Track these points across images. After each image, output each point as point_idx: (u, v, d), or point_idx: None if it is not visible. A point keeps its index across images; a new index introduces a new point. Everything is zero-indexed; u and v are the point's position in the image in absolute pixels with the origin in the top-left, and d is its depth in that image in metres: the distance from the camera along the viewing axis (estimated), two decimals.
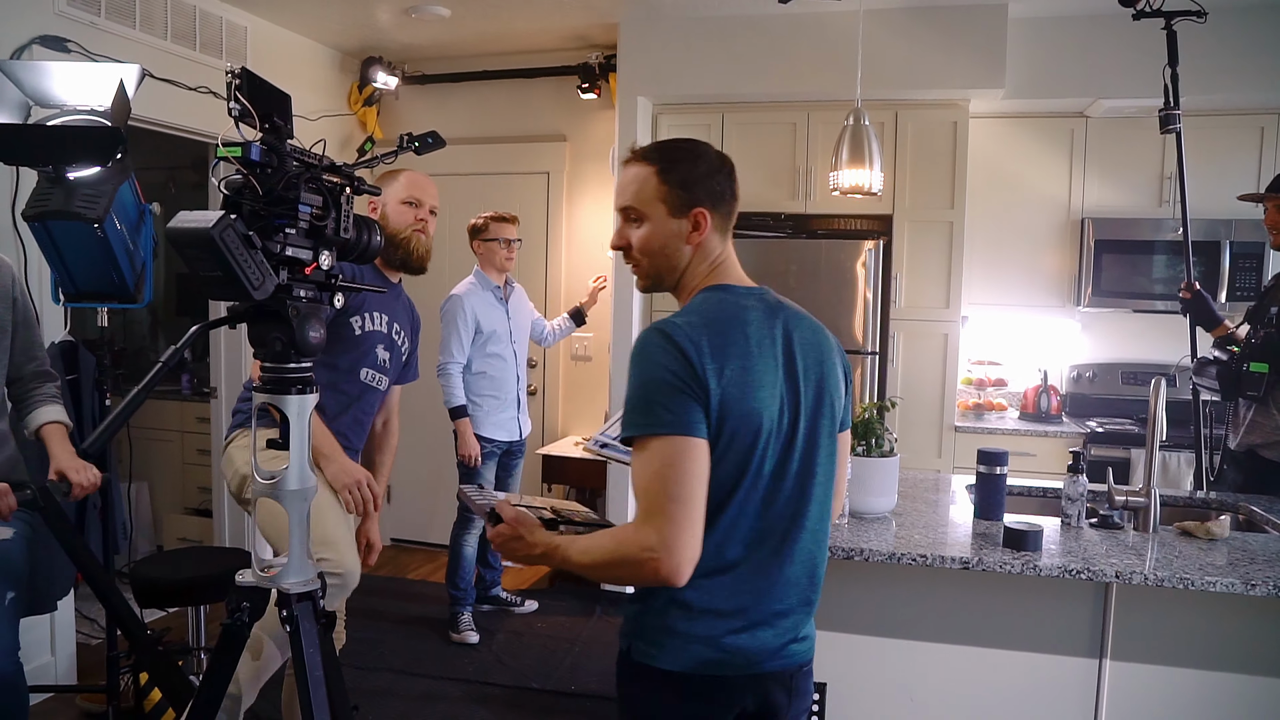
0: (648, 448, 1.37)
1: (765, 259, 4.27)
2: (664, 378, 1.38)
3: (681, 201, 1.53)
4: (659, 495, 1.35)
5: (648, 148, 1.57)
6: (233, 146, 1.59)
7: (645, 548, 1.34)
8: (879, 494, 2.48)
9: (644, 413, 1.38)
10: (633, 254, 1.57)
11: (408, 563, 5.11)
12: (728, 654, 1.46)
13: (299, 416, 1.77)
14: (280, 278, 1.69)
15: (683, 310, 1.50)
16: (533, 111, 5.05)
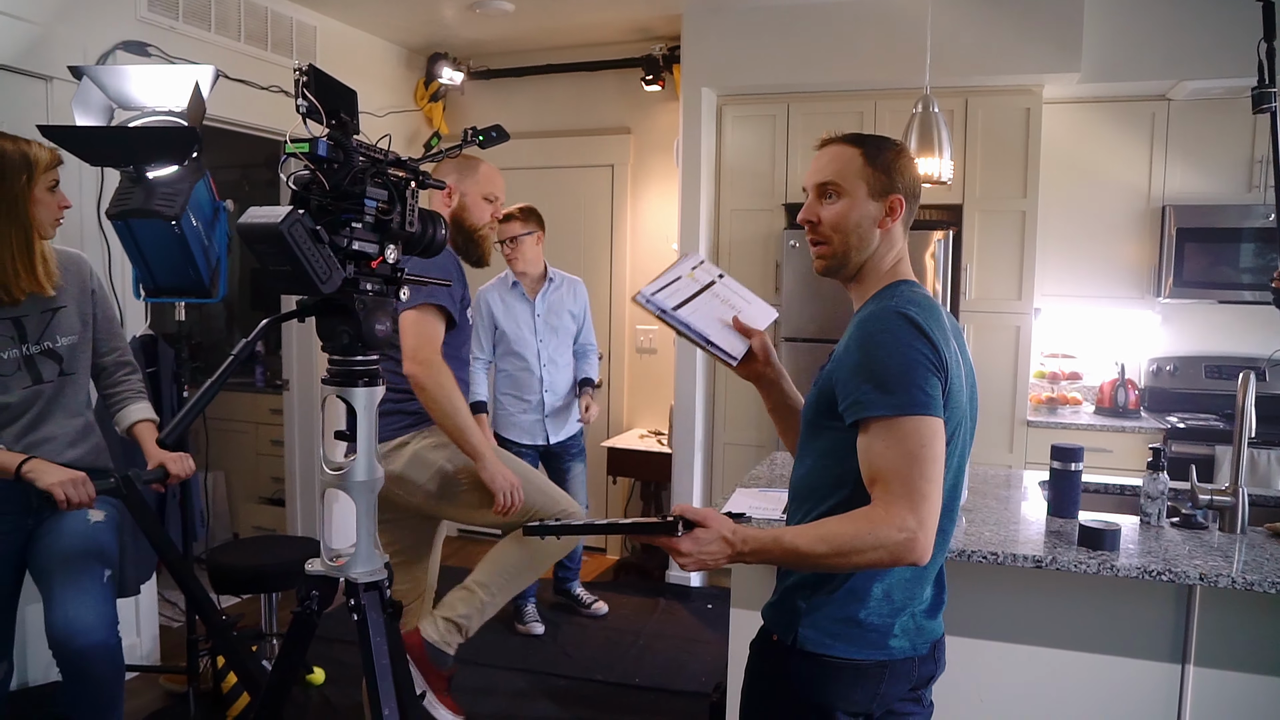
0: (900, 427, 1.37)
1: None
2: (918, 359, 1.40)
3: (882, 185, 1.55)
4: (914, 476, 1.36)
5: (852, 134, 1.61)
6: (300, 143, 1.61)
7: (903, 528, 1.34)
8: None
9: (898, 392, 1.38)
10: (821, 229, 1.58)
11: (474, 553, 5.18)
12: (896, 639, 1.52)
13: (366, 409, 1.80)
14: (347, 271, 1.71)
15: (899, 300, 1.49)
16: (596, 104, 5.05)
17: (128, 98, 2.55)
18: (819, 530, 1.39)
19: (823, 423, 1.51)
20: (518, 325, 3.96)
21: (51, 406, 2.29)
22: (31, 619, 3.12)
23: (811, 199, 1.60)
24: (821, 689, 1.50)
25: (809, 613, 1.51)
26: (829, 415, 1.48)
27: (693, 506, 1.43)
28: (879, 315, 1.45)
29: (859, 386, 1.41)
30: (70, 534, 2.23)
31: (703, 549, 1.39)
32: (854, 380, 1.42)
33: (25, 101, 3.07)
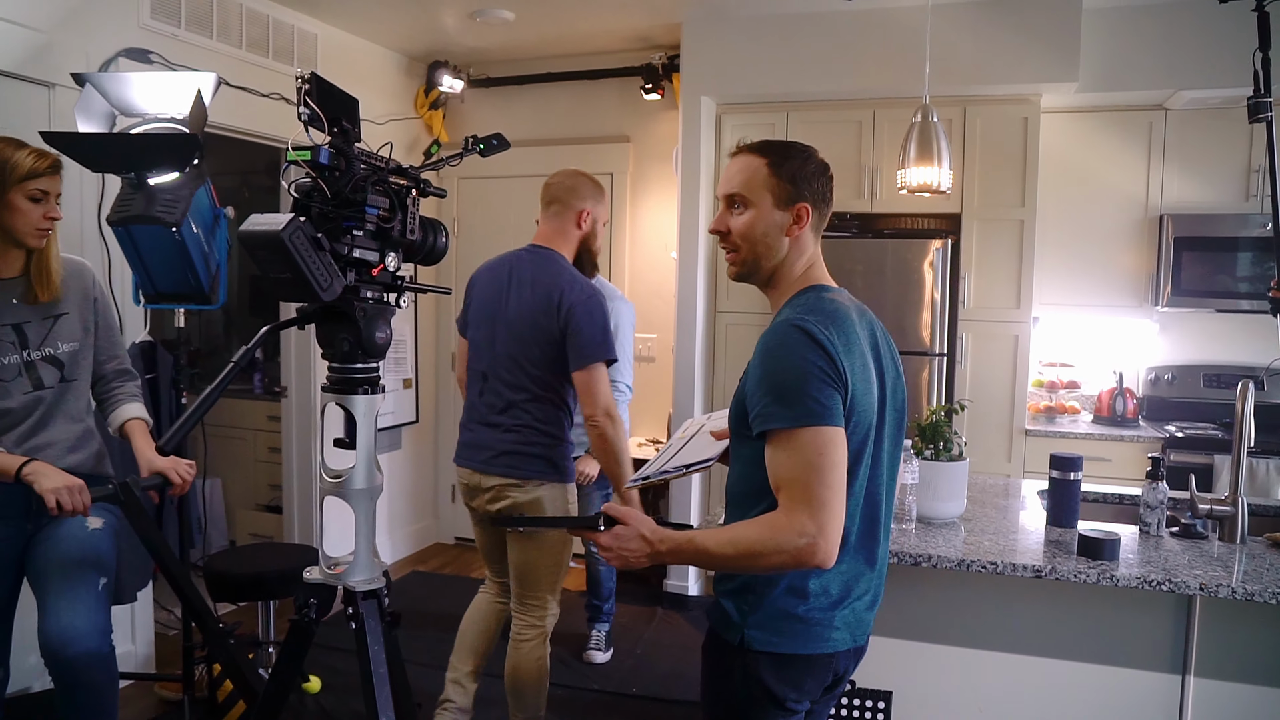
0: (798, 438, 1.44)
1: (831, 259, 4.11)
2: (812, 371, 1.45)
3: (788, 195, 1.61)
4: (812, 483, 1.42)
5: (759, 142, 1.65)
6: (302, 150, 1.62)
7: (802, 534, 1.41)
8: (947, 499, 2.42)
9: (794, 404, 1.44)
10: (731, 239, 1.63)
11: (471, 561, 5.17)
12: (838, 631, 1.59)
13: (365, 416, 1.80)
14: (348, 279, 1.71)
15: (802, 309, 1.55)
16: (596, 113, 5.06)
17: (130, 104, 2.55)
18: (728, 534, 1.46)
19: (743, 432, 1.56)
20: None
21: (52, 412, 2.28)
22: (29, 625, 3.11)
23: (721, 209, 1.66)
24: (774, 681, 1.57)
25: (752, 613, 1.57)
26: (742, 423, 1.54)
27: (619, 507, 1.52)
28: (777, 329, 1.51)
29: (760, 399, 1.47)
30: (68, 540, 2.22)
31: (623, 545, 1.49)
32: (756, 393, 1.49)
33: (28, 108, 3.07)
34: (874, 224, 4.34)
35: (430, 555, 5.29)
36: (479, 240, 5.29)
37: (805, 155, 1.64)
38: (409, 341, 5.12)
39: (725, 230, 1.64)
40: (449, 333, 5.45)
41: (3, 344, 2.20)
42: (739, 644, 1.58)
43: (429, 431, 5.45)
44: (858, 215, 4.31)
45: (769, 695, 1.58)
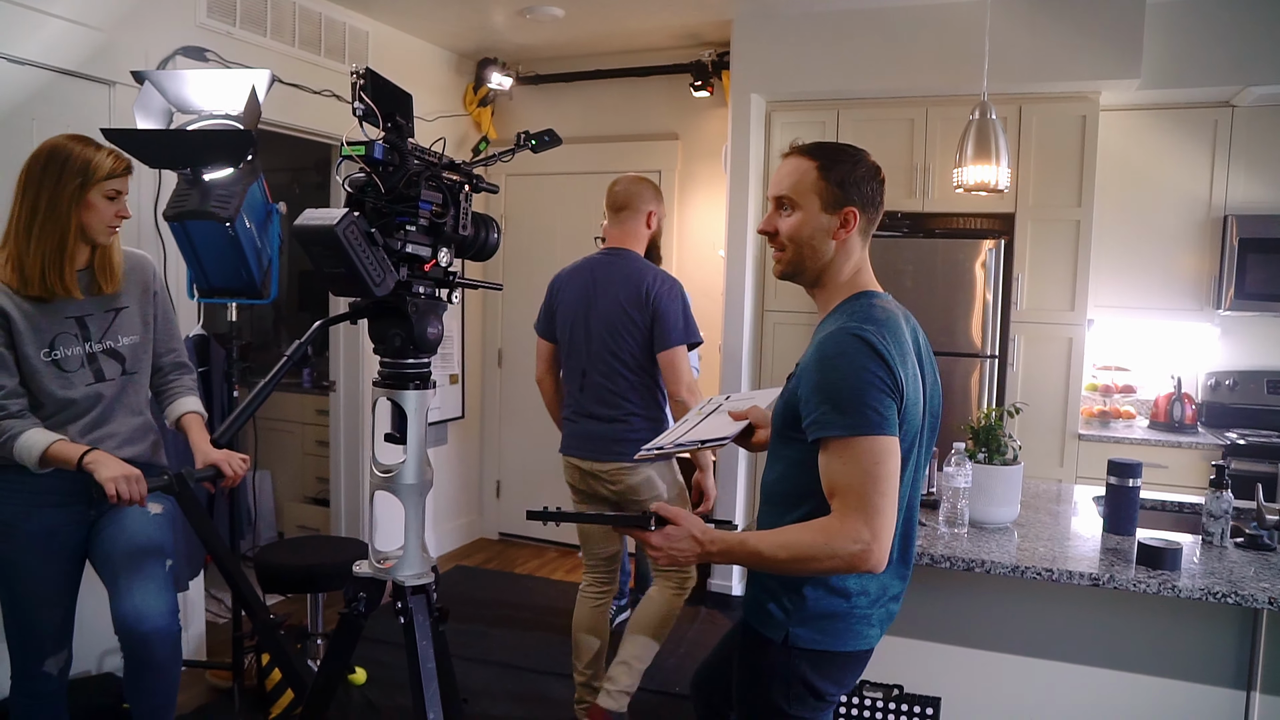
0: (855, 446, 1.49)
1: (882, 258, 4.15)
2: (872, 380, 1.50)
3: (835, 198, 1.64)
4: (868, 491, 1.47)
5: (811, 144, 1.69)
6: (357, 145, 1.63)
7: (857, 540, 1.46)
8: (1001, 503, 2.38)
9: (852, 413, 1.49)
10: (779, 239, 1.69)
11: (515, 557, 5.19)
12: (875, 628, 1.67)
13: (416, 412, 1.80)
14: (400, 274, 1.71)
15: (859, 317, 1.58)
16: (645, 110, 5.05)
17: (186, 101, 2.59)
18: (781, 538, 1.50)
19: (789, 434, 1.61)
20: None
21: (114, 405, 2.32)
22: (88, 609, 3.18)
23: (771, 210, 1.71)
24: (816, 678, 1.64)
25: (797, 612, 1.62)
26: (795, 427, 1.58)
27: (669, 507, 1.55)
28: (836, 337, 1.54)
29: (818, 406, 1.52)
30: (134, 526, 2.28)
31: (673, 544, 1.52)
32: (813, 400, 1.53)
33: (90, 105, 3.14)
34: (925, 223, 4.28)
35: (474, 550, 5.32)
36: (527, 236, 5.31)
37: (855, 159, 1.67)
38: (455, 337, 5.15)
39: (774, 231, 1.69)
40: (495, 328, 5.47)
41: (66, 336, 2.24)
42: (783, 642, 1.63)
43: (474, 427, 5.48)
44: (909, 214, 4.25)
45: (812, 690, 1.64)
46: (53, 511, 2.24)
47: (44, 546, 2.22)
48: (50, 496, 2.23)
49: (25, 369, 2.18)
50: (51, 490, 2.23)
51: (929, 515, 2.47)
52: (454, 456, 5.32)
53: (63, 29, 3.04)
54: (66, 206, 2.17)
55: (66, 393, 2.24)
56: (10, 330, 2.16)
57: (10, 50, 2.91)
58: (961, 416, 3.88)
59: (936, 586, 2.33)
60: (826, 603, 1.61)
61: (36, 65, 2.99)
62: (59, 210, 2.16)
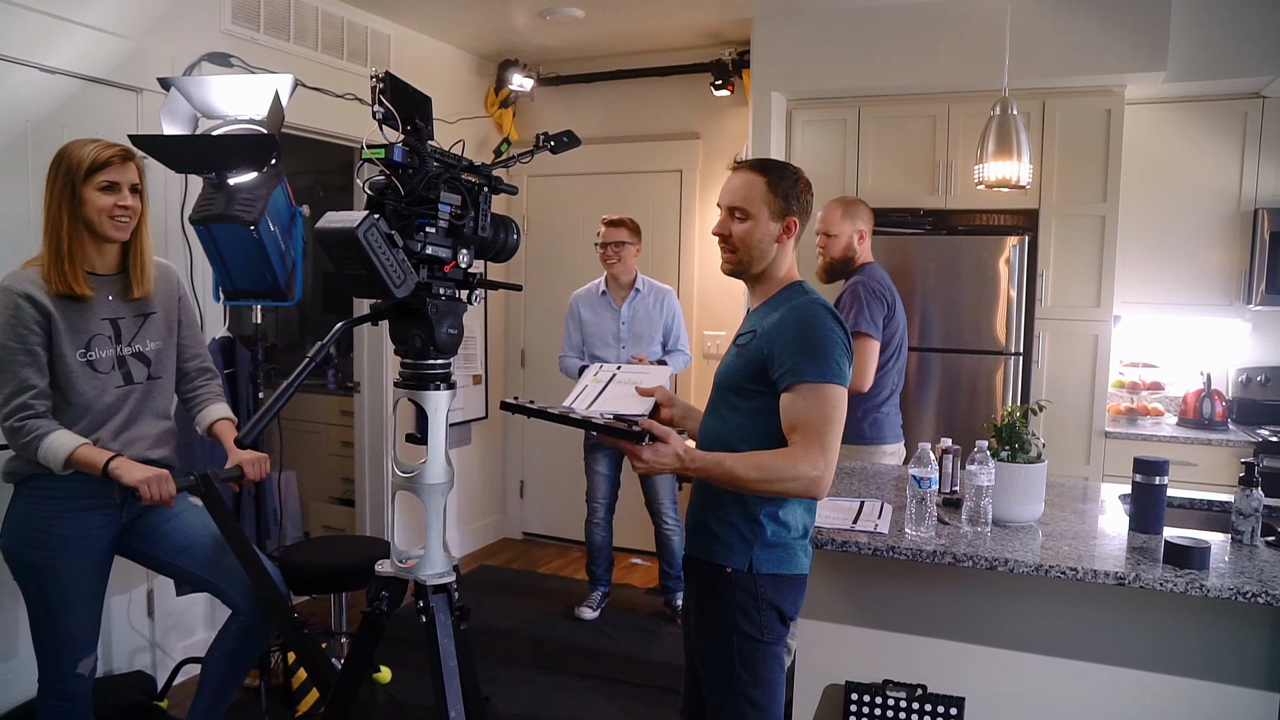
0: (821, 391, 1.78)
1: (903, 256, 4.13)
2: (839, 341, 1.83)
3: (781, 209, 1.93)
4: (826, 429, 1.77)
5: (758, 162, 1.97)
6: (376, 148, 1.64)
7: (815, 467, 1.75)
8: (1024, 502, 2.36)
9: (824, 364, 1.79)
10: (731, 242, 1.96)
11: (539, 556, 5.21)
12: (806, 558, 1.94)
13: (438, 412, 1.82)
14: (420, 276, 1.73)
15: (815, 295, 1.92)
16: (665, 110, 5.05)
17: (211, 107, 2.62)
18: (753, 459, 1.77)
19: (751, 387, 1.87)
20: (602, 331, 4.13)
21: (141, 409, 2.36)
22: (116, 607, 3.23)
23: (724, 216, 1.97)
24: (780, 600, 1.88)
25: (758, 541, 1.87)
26: (759, 381, 1.86)
27: (661, 426, 1.75)
28: (807, 308, 1.86)
29: (791, 358, 1.80)
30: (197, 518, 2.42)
31: (659, 458, 1.72)
32: (788, 353, 1.81)
33: (118, 112, 3.18)
34: (947, 220, 4.25)
35: (498, 550, 5.34)
36: (548, 237, 5.33)
37: (796, 176, 1.96)
38: (479, 338, 5.18)
39: (727, 234, 1.96)
40: (518, 329, 5.49)
41: (100, 338, 2.28)
42: (748, 569, 1.86)
43: (498, 427, 5.51)
44: (930, 212, 4.22)
45: (779, 613, 1.88)
46: (86, 515, 2.27)
47: (78, 549, 2.25)
48: (83, 501, 2.26)
49: (59, 369, 2.21)
50: (84, 494, 2.26)
51: (952, 514, 2.46)
52: (478, 457, 5.35)
53: (91, 38, 3.09)
54: (66, 204, 2.18)
55: (100, 394, 2.27)
56: (50, 330, 2.19)
57: (42, 60, 2.95)
58: (986, 414, 3.85)
59: (960, 585, 2.32)
60: (776, 533, 1.87)
61: (66, 74, 3.04)
62: (61, 209, 2.19)
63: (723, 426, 1.92)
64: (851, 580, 2.45)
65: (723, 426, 1.92)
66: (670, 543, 4.18)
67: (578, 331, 4.18)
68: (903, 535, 2.27)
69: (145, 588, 3.37)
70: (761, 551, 1.87)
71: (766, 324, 1.89)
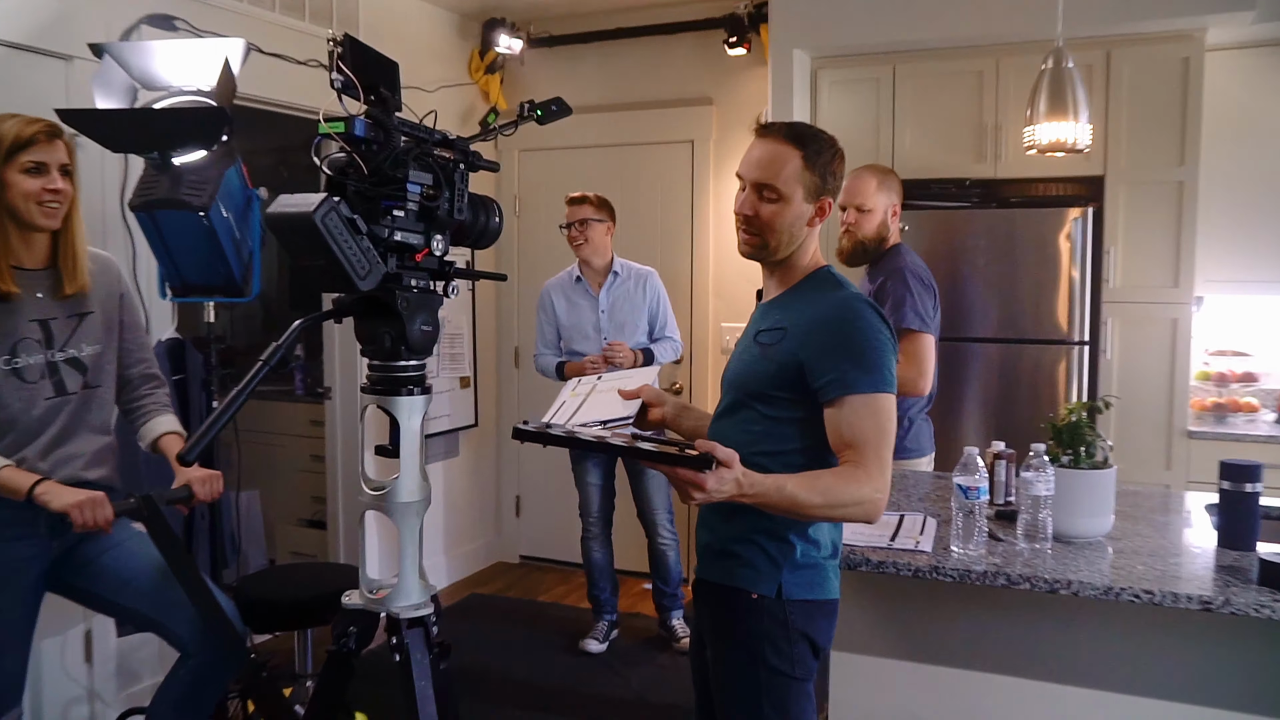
0: (875, 403, 1.78)
1: (947, 233, 4.11)
2: (888, 344, 1.82)
3: (816, 188, 1.90)
4: (882, 446, 1.77)
5: (792, 129, 1.90)
6: (335, 121, 1.64)
7: (877, 490, 1.75)
8: (1089, 514, 2.35)
9: (875, 372, 1.79)
10: (756, 224, 1.91)
11: (538, 583, 5.21)
12: (836, 580, 1.95)
13: (410, 420, 1.81)
14: (389, 265, 1.72)
15: (847, 287, 1.92)
16: (673, 72, 5.04)
17: (152, 76, 2.62)
18: (815, 483, 1.73)
19: (782, 395, 1.86)
20: (580, 322, 4.16)
21: (75, 423, 2.35)
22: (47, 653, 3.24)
23: (750, 194, 1.91)
24: (812, 629, 1.88)
25: (787, 562, 1.86)
26: (792, 388, 1.84)
27: (723, 448, 1.62)
28: (849, 303, 1.86)
29: (839, 366, 1.79)
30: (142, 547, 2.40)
31: (722, 486, 1.63)
32: (831, 360, 1.80)
33: (43, 83, 3.18)
34: (998, 191, 4.23)
35: (492, 576, 5.35)
36: (544, 218, 5.32)
37: (834, 148, 1.92)
38: (466, 335, 5.19)
39: (753, 214, 1.90)
40: (510, 324, 5.50)
41: (28, 342, 2.27)
42: (777, 595, 1.85)
43: (490, 436, 5.51)
44: (979, 182, 4.20)
45: (811, 644, 1.88)
46: (10, 546, 2.27)
47: (3, 584, 2.25)
48: (6, 530, 2.26)
49: None
50: (7, 523, 2.25)
51: (1005, 528, 2.44)
52: (468, 470, 5.35)
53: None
54: None
55: (27, 407, 2.27)
56: None
57: None
58: (1044, 413, 3.82)
59: (1015, 611, 2.31)
60: (806, 552, 1.87)
61: None
62: None
63: (748, 437, 1.88)
64: (889, 606, 2.44)
65: (748, 437, 1.88)
66: (666, 558, 4.24)
67: (552, 325, 4.23)
68: (948, 554, 2.26)
69: (82, 628, 3.35)
70: (791, 574, 1.86)
71: (798, 321, 1.87)
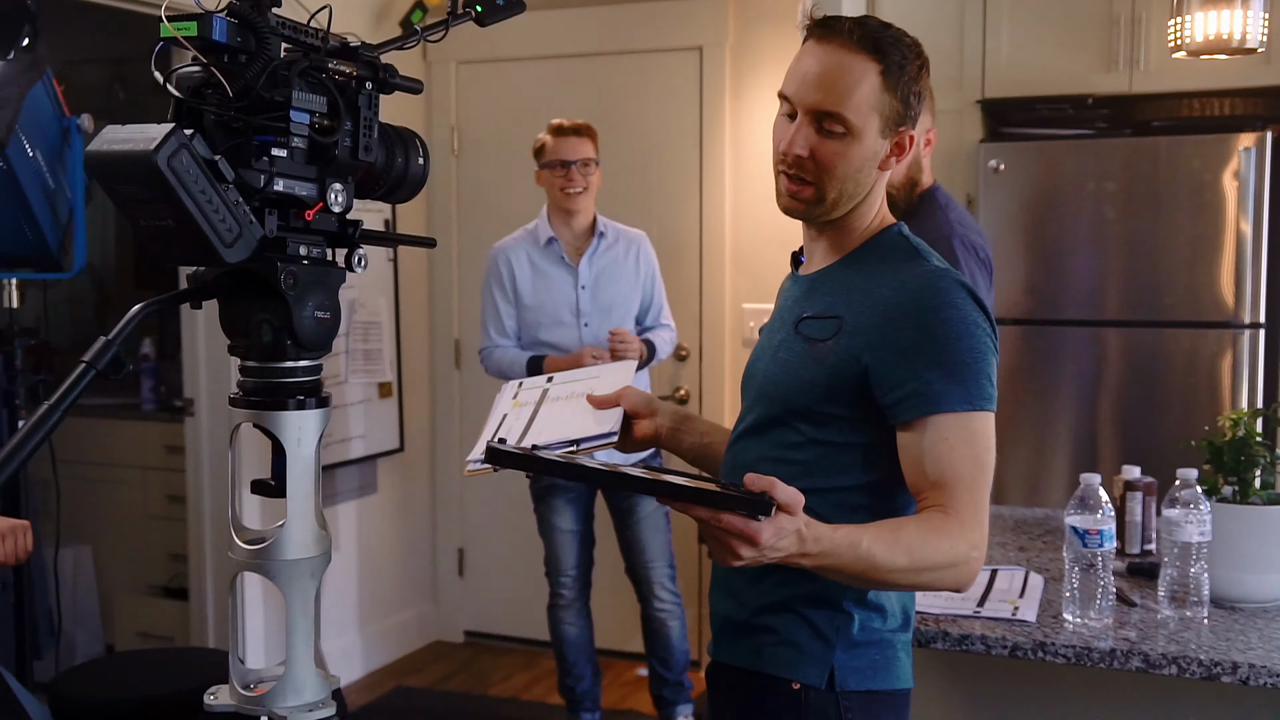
0: (971, 425, 1.76)
1: (1061, 172, 4.14)
2: (988, 343, 1.79)
3: (897, 116, 1.85)
4: (980, 485, 1.75)
5: (865, 30, 1.83)
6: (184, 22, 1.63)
7: (975, 545, 1.72)
8: (1263, 568, 2.36)
9: (971, 383, 1.76)
10: (811, 167, 1.84)
11: (490, 670, 5.22)
12: (908, 660, 1.92)
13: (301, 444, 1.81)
14: (267, 228, 1.72)
15: (936, 258, 1.90)
16: None
17: None
18: (897, 537, 1.70)
19: (838, 412, 1.84)
20: (553, 302, 4.14)
21: None
22: None
23: (803, 123, 1.84)
24: None
25: (841, 640, 1.84)
26: (852, 402, 1.82)
27: (788, 488, 1.56)
28: (932, 284, 1.82)
29: (917, 374, 1.76)
30: None
31: (780, 541, 1.56)
32: (908, 365, 1.77)
33: None
34: (1134, 111, 4.25)
35: (427, 661, 5.38)
36: (493, 158, 5.32)
37: (919, 58, 1.87)
38: (386, 325, 5.18)
39: (806, 155, 1.84)
40: (448, 310, 5.51)
41: None
42: (828, 685, 1.83)
43: (422, 465, 5.53)
44: (1106, 100, 4.22)
45: None
46: None
47: None
48: None
49: None
50: None
51: (1142, 587, 2.46)
52: (391, 513, 5.36)
53: None
54: None
55: None
56: None
57: None
58: (1200, 424, 3.83)
59: (1158, 702, 2.33)
60: (867, 623, 1.86)
61: None
62: None
63: (788, 468, 1.83)
64: (978, 695, 2.46)
65: (788, 468, 1.83)
66: (668, 632, 4.25)
67: (511, 305, 4.18)
68: (1060, 624, 2.27)
69: None
70: (846, 655, 1.85)
71: (862, 308, 1.85)
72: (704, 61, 5.05)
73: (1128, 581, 2.50)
